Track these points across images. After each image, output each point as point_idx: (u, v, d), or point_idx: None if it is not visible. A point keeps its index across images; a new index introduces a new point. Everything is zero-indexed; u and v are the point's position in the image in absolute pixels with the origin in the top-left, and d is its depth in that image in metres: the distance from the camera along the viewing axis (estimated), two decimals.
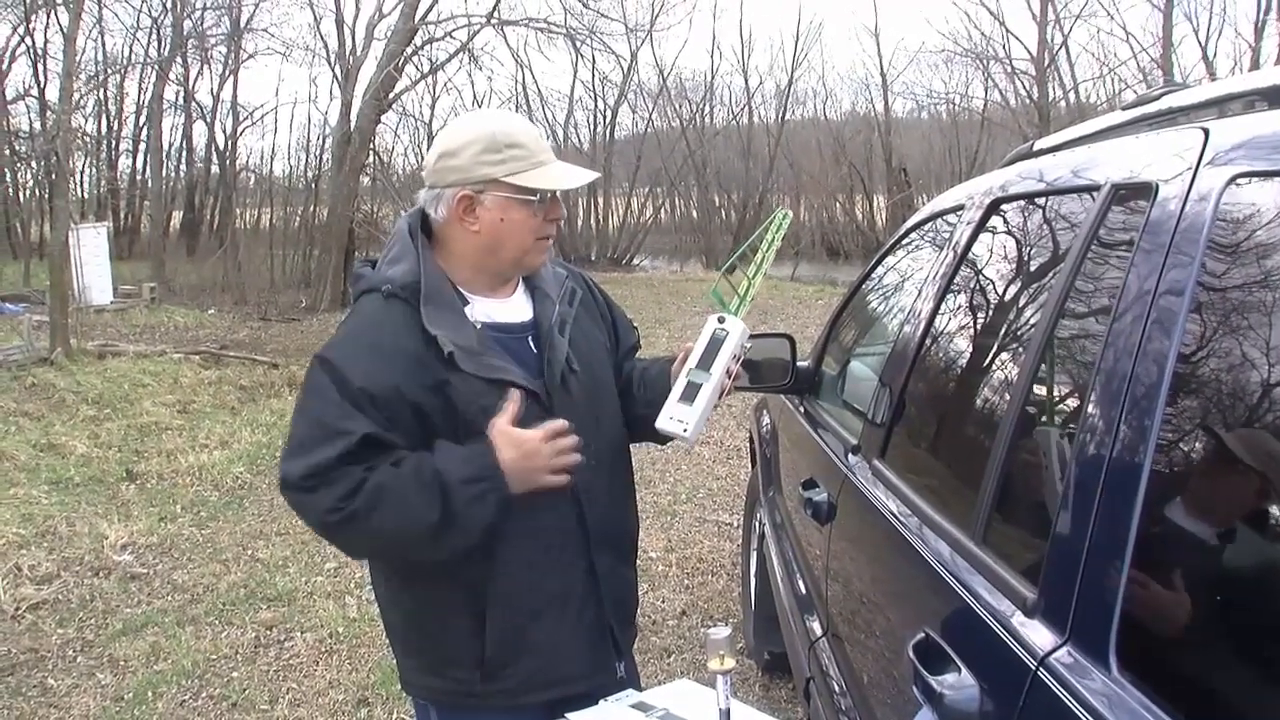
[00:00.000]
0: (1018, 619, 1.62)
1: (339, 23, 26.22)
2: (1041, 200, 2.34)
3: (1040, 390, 1.89)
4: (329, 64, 28.92)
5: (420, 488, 2.14)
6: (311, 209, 28.37)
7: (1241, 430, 1.36)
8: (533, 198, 2.25)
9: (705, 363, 2.29)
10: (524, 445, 2.19)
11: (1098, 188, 1.88)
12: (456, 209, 2.27)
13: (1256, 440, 1.35)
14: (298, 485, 2.18)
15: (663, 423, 2.28)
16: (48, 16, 28.37)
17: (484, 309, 2.33)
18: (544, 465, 2.22)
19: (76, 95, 21.31)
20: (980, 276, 2.59)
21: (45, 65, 31.52)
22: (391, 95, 22.74)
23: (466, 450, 2.20)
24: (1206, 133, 1.61)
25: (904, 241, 3.73)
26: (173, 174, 36.97)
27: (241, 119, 34.56)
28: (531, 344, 2.38)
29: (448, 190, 2.27)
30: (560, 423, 2.24)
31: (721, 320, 2.32)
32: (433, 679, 2.43)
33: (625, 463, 2.55)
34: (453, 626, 2.35)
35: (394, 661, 4.90)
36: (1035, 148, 2.76)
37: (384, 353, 2.20)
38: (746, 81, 43.15)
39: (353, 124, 22.19)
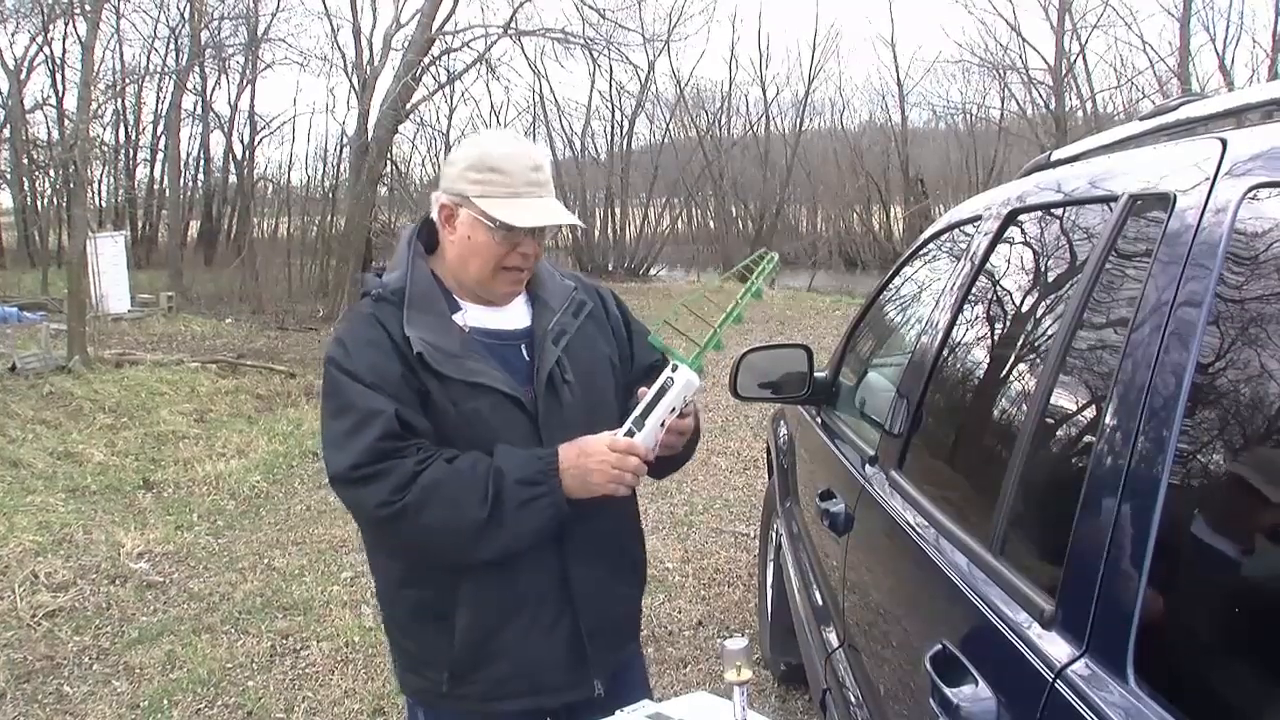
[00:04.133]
0: (1035, 630, 1.62)
1: (356, 33, 26.30)
2: (1059, 211, 2.34)
3: (1058, 401, 1.88)
4: (346, 74, 28.93)
5: (473, 483, 2.18)
6: (329, 218, 28.54)
7: (1260, 442, 1.35)
8: (491, 225, 2.26)
9: (646, 412, 2.27)
10: (587, 446, 2.23)
11: (1115, 198, 1.88)
12: (440, 214, 2.35)
13: (1275, 452, 1.34)
14: (347, 478, 2.21)
15: None
16: (66, 26, 28.56)
17: (476, 315, 2.37)
18: (603, 472, 2.23)
19: (94, 104, 21.40)
20: (998, 287, 2.58)
21: (63, 75, 31.81)
22: (409, 105, 22.79)
23: (528, 453, 2.24)
24: (1224, 143, 1.60)
25: (921, 252, 3.72)
26: (190, 183, 37.26)
27: (259, 129, 34.74)
28: (525, 351, 2.40)
29: (439, 195, 2.34)
30: (635, 445, 2.24)
31: (675, 369, 2.28)
32: (413, 677, 2.48)
33: None
34: (426, 626, 2.38)
35: None
36: (1052, 158, 2.76)
37: (381, 348, 2.25)
38: (764, 92, 43.17)
39: (370, 134, 22.24)
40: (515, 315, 2.43)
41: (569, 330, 2.43)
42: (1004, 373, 2.35)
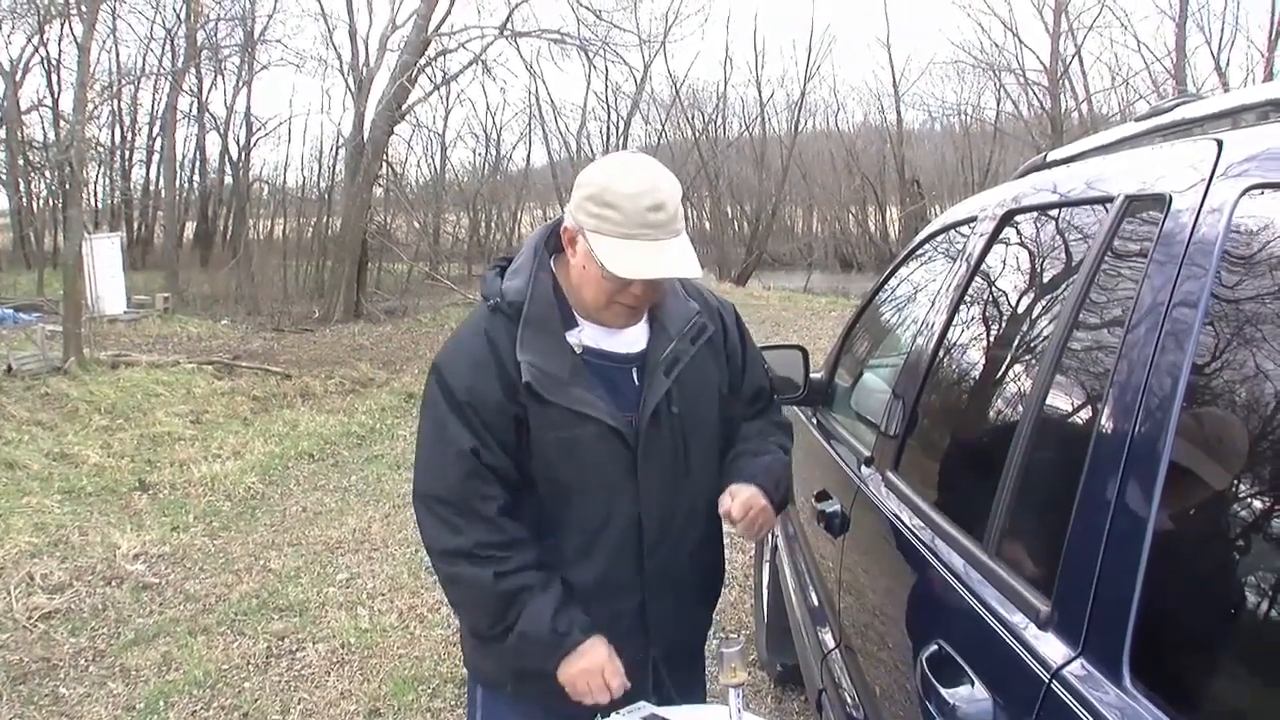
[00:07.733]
0: (1031, 631, 1.62)
1: (352, 34, 26.27)
2: (1055, 212, 2.33)
3: (1054, 402, 1.88)
4: (342, 75, 28.87)
5: (497, 610, 2.25)
6: (325, 220, 28.51)
7: (1255, 442, 1.36)
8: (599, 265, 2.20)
9: None
10: (591, 663, 2.24)
11: (1111, 199, 1.88)
12: (564, 235, 2.29)
13: (1270, 452, 1.34)
14: (425, 503, 2.30)
15: None
16: (62, 27, 28.45)
17: (592, 335, 2.32)
18: (586, 683, 2.25)
19: (90, 106, 21.42)
20: (993, 288, 2.58)
21: (59, 76, 31.75)
22: (405, 106, 22.78)
23: (551, 632, 2.24)
24: (1220, 144, 1.60)
25: (917, 253, 3.72)
26: (186, 184, 37.17)
27: (255, 130, 34.65)
28: (635, 377, 2.34)
29: (566, 214, 2.28)
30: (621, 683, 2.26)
31: None
32: (480, 660, 2.50)
33: (713, 508, 2.41)
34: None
35: (405, 673, 4.90)
36: (1048, 159, 2.75)
37: (485, 367, 2.25)
38: (760, 93, 43.14)
39: (366, 135, 22.24)
40: (631, 337, 2.36)
41: (683, 358, 2.37)
42: (1000, 374, 2.35)
